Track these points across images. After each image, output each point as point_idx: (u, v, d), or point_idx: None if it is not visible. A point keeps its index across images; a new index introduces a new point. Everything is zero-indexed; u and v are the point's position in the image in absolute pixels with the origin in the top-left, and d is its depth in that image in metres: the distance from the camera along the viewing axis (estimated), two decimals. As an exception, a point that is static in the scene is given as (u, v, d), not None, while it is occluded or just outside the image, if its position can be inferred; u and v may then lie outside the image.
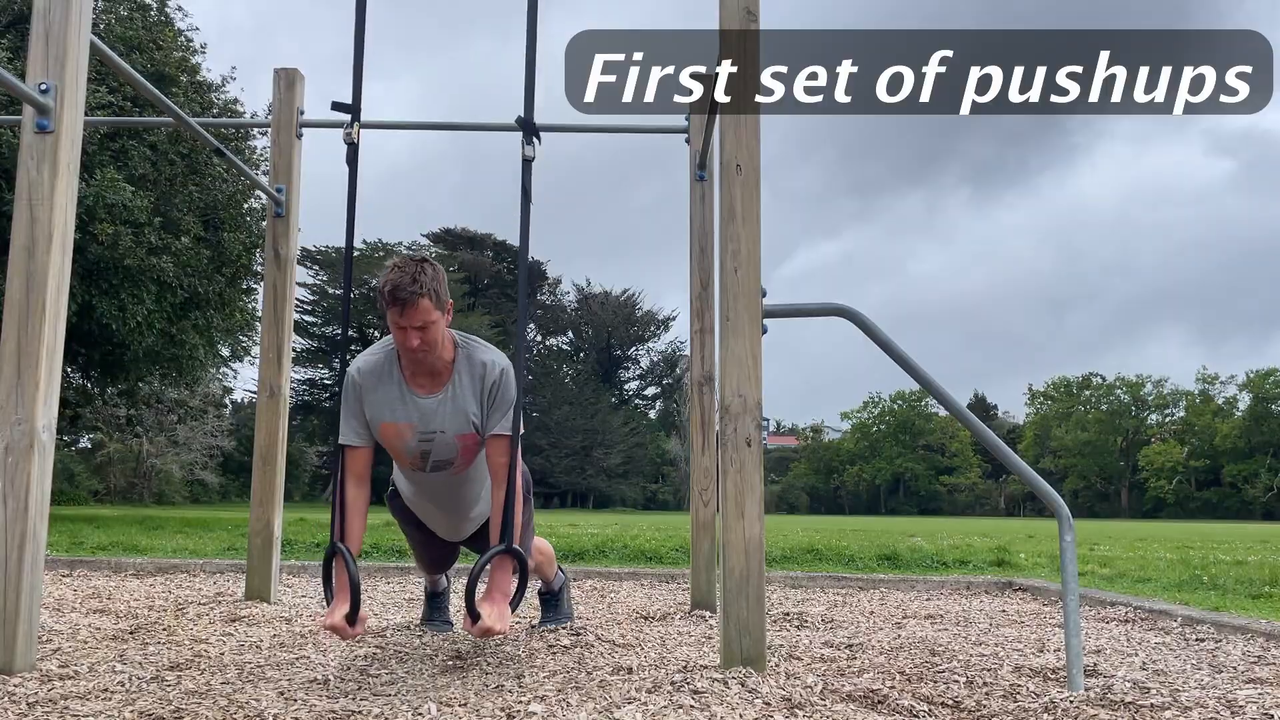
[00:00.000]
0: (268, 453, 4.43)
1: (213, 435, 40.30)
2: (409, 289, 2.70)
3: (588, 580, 5.92)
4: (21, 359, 2.65)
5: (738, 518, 2.73)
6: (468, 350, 2.97)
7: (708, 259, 4.46)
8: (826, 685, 2.59)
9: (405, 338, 2.78)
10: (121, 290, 13.90)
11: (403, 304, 2.71)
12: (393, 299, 2.71)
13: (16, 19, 13.41)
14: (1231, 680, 2.84)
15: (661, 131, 4.76)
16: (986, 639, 3.69)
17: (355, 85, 3.08)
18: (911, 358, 2.83)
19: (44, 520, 2.68)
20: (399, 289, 2.70)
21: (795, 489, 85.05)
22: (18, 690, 2.39)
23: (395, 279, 2.71)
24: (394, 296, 2.70)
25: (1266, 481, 71.84)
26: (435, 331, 2.80)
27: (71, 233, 2.81)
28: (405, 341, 2.79)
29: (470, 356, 2.96)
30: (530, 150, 2.97)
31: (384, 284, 2.73)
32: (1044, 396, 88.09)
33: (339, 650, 3.16)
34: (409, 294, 2.70)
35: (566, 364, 70.03)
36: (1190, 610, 4.52)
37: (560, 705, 2.32)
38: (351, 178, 3.03)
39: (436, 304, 2.78)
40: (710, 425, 4.43)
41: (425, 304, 2.73)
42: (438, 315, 2.79)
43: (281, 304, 4.56)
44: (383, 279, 2.75)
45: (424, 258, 2.82)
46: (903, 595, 5.53)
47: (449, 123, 5.01)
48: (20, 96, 2.69)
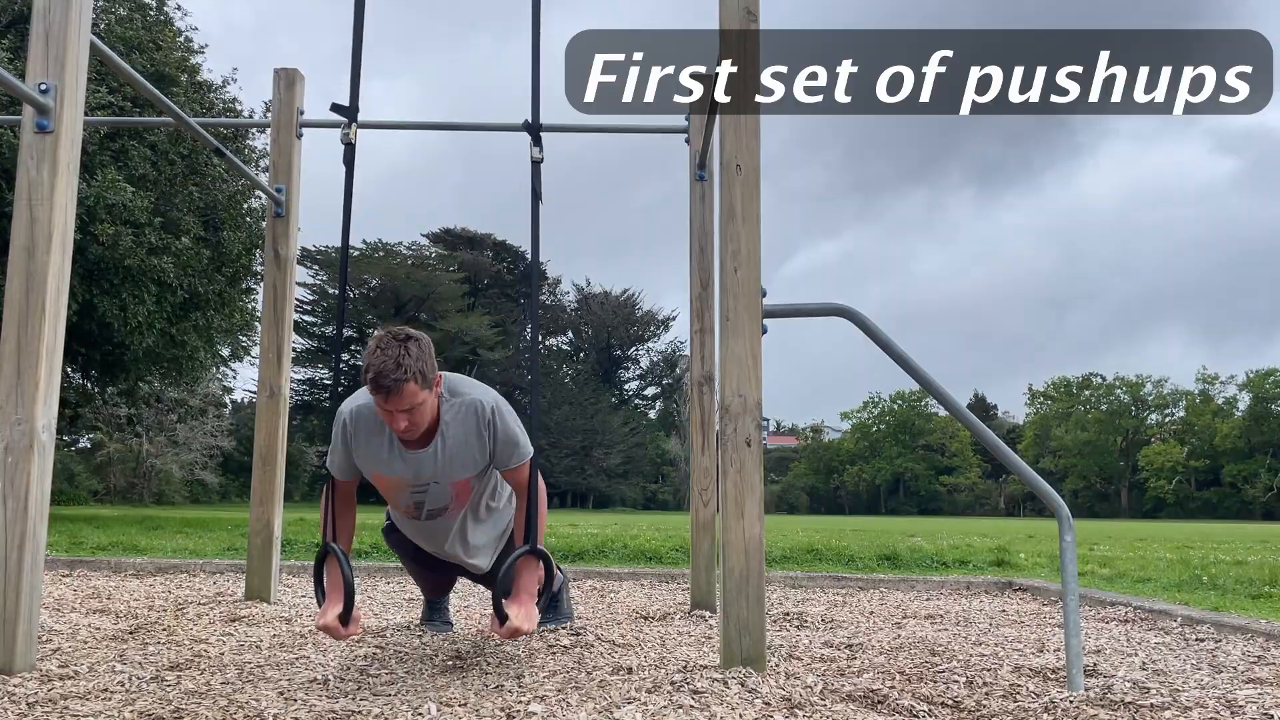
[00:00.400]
0: (268, 453, 4.43)
1: (213, 435, 40.28)
2: (392, 376, 2.56)
3: (588, 580, 5.92)
4: (21, 359, 2.65)
5: (738, 518, 2.73)
6: (452, 401, 2.87)
7: (708, 259, 4.46)
8: (826, 685, 2.59)
9: (392, 420, 2.66)
10: (122, 290, 13.90)
11: (386, 391, 2.58)
12: (376, 386, 2.58)
13: (16, 19, 13.41)
14: (1231, 680, 2.84)
15: (661, 131, 4.76)
16: (986, 639, 3.69)
17: (353, 87, 3.08)
18: (911, 358, 2.83)
19: (44, 520, 2.68)
20: (381, 376, 2.56)
21: (795, 489, 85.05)
22: (18, 690, 2.39)
23: (378, 365, 2.57)
24: (377, 384, 2.57)
25: (1266, 481, 71.84)
26: (423, 412, 2.69)
27: (71, 233, 2.81)
28: (393, 424, 2.68)
29: (456, 405, 2.86)
30: (539, 152, 2.97)
31: (366, 368, 2.59)
32: (1044, 396, 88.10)
33: (339, 650, 3.16)
34: (392, 381, 2.57)
35: (566, 364, 70.03)
36: (1190, 610, 4.52)
37: (560, 705, 2.32)
38: (348, 179, 3.03)
39: (422, 384, 2.63)
40: (710, 425, 4.43)
41: (410, 388, 2.60)
42: (425, 395, 2.66)
43: (281, 304, 4.56)
44: (365, 360, 2.61)
45: (407, 334, 2.65)
46: (903, 595, 5.53)
47: (449, 123, 5.01)
48: (20, 96, 2.69)
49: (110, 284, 13.77)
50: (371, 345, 2.62)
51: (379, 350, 2.59)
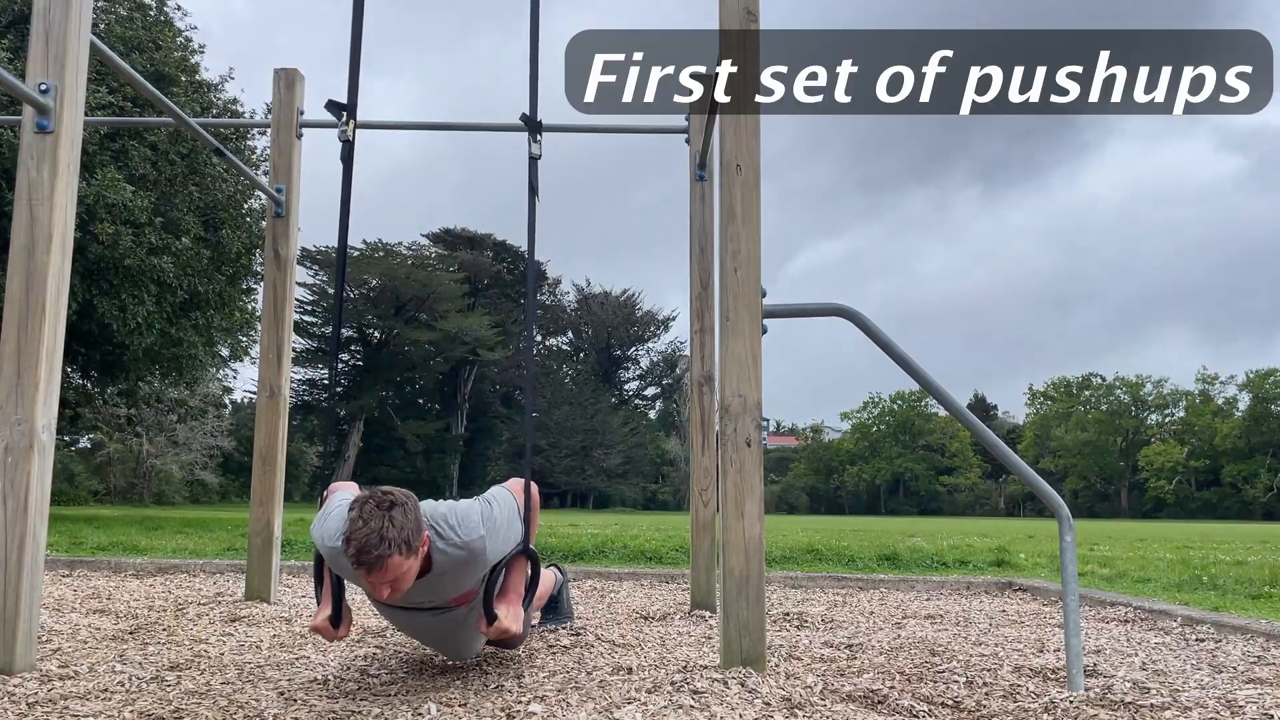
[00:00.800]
0: (268, 453, 4.43)
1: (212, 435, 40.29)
2: (375, 552, 2.36)
3: (588, 580, 5.92)
4: (21, 359, 2.66)
5: (738, 518, 2.73)
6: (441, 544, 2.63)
7: (708, 259, 4.46)
8: (826, 685, 2.59)
9: (375, 590, 2.48)
10: (122, 290, 13.90)
11: (369, 568, 2.38)
12: (358, 562, 2.38)
13: (16, 19, 13.41)
14: (1231, 680, 2.84)
15: (661, 131, 4.76)
16: (986, 639, 3.69)
17: (351, 85, 3.08)
18: (911, 358, 2.83)
19: (44, 520, 2.68)
20: (364, 553, 2.36)
21: (795, 489, 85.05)
22: (18, 690, 2.39)
23: (360, 539, 2.36)
24: (359, 560, 2.37)
25: (1266, 481, 71.83)
26: (408, 578, 2.48)
27: (71, 233, 2.81)
28: (377, 593, 2.49)
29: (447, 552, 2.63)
30: (537, 148, 2.97)
31: (347, 539, 2.39)
32: (1044, 396, 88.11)
33: (339, 650, 3.16)
34: (375, 558, 2.36)
35: (566, 364, 70.04)
36: (1190, 610, 4.52)
37: (560, 705, 2.32)
38: (346, 176, 3.02)
39: (407, 554, 2.41)
40: (710, 425, 4.43)
41: (395, 561, 2.39)
42: (410, 563, 2.44)
43: (281, 304, 4.56)
44: (346, 531, 2.40)
45: (391, 501, 2.42)
46: (903, 595, 5.53)
47: (448, 123, 5.01)
48: (20, 96, 2.69)
49: (110, 284, 13.78)
50: (354, 514, 2.41)
51: (361, 521, 2.39)
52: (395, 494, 2.46)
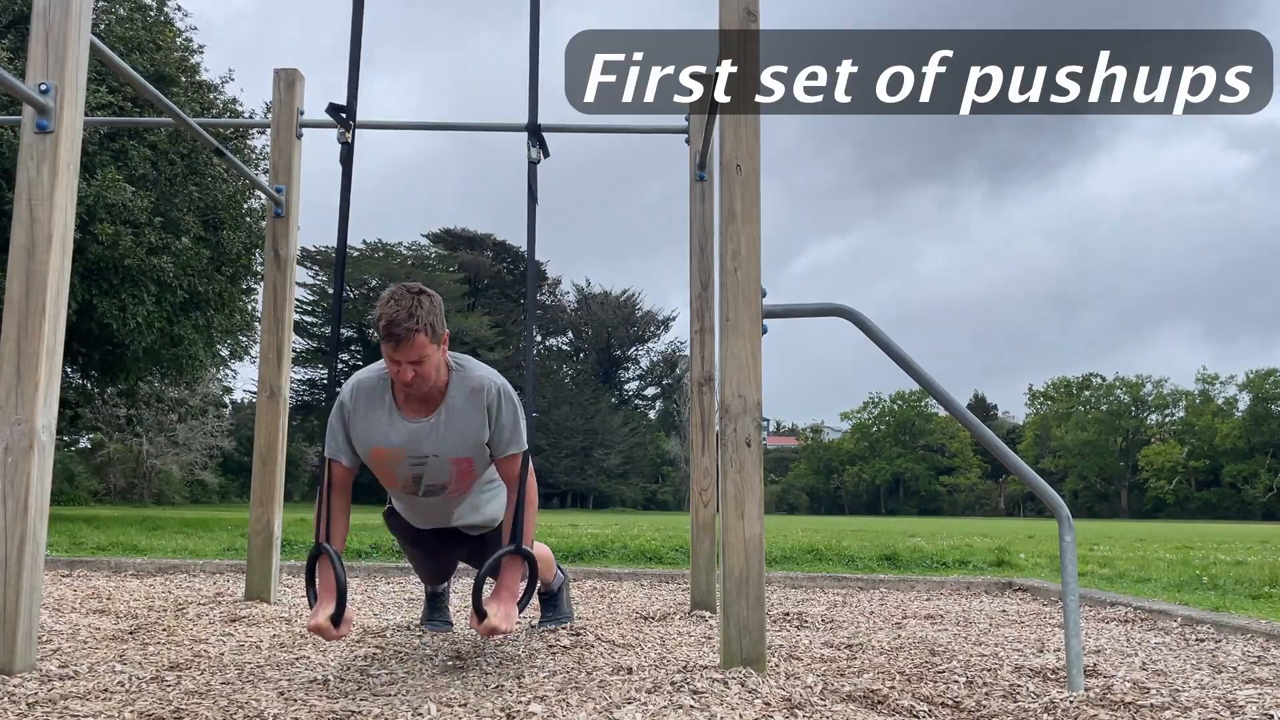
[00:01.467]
0: (268, 453, 4.43)
1: (212, 435, 40.29)
2: (404, 325, 2.65)
3: (588, 580, 5.92)
4: (21, 359, 2.65)
5: (738, 518, 2.73)
6: (461, 373, 2.92)
7: (708, 259, 4.46)
8: (826, 685, 2.59)
9: (399, 371, 2.73)
10: (122, 290, 13.90)
11: (397, 340, 2.66)
12: (387, 334, 2.65)
13: (16, 19, 13.41)
14: (1231, 680, 2.84)
15: (661, 131, 4.76)
16: (986, 639, 3.69)
17: (351, 87, 3.08)
18: (911, 358, 2.83)
19: (44, 520, 2.68)
20: (394, 324, 2.64)
21: (795, 489, 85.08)
22: (18, 690, 2.38)
23: (390, 314, 2.66)
24: (389, 332, 2.65)
25: (1266, 481, 71.85)
26: (430, 365, 2.75)
27: (71, 233, 2.81)
28: (399, 375, 2.74)
29: (464, 379, 2.91)
30: (536, 153, 2.97)
31: (379, 317, 2.67)
32: (1044, 397, 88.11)
33: (339, 650, 3.16)
34: (404, 330, 2.65)
35: (566, 364, 70.03)
36: (1190, 610, 4.52)
37: (560, 705, 2.32)
38: (345, 177, 3.02)
39: (432, 338, 2.72)
40: (710, 425, 4.43)
41: (420, 339, 2.68)
42: (433, 349, 2.74)
43: (281, 304, 4.56)
44: (378, 311, 2.69)
45: (420, 288, 2.75)
46: (903, 595, 5.53)
47: (447, 123, 5.01)
48: (20, 96, 2.69)
49: (110, 284, 13.77)
50: (385, 296, 2.70)
51: (392, 301, 2.68)
52: (424, 286, 2.77)
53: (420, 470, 2.97)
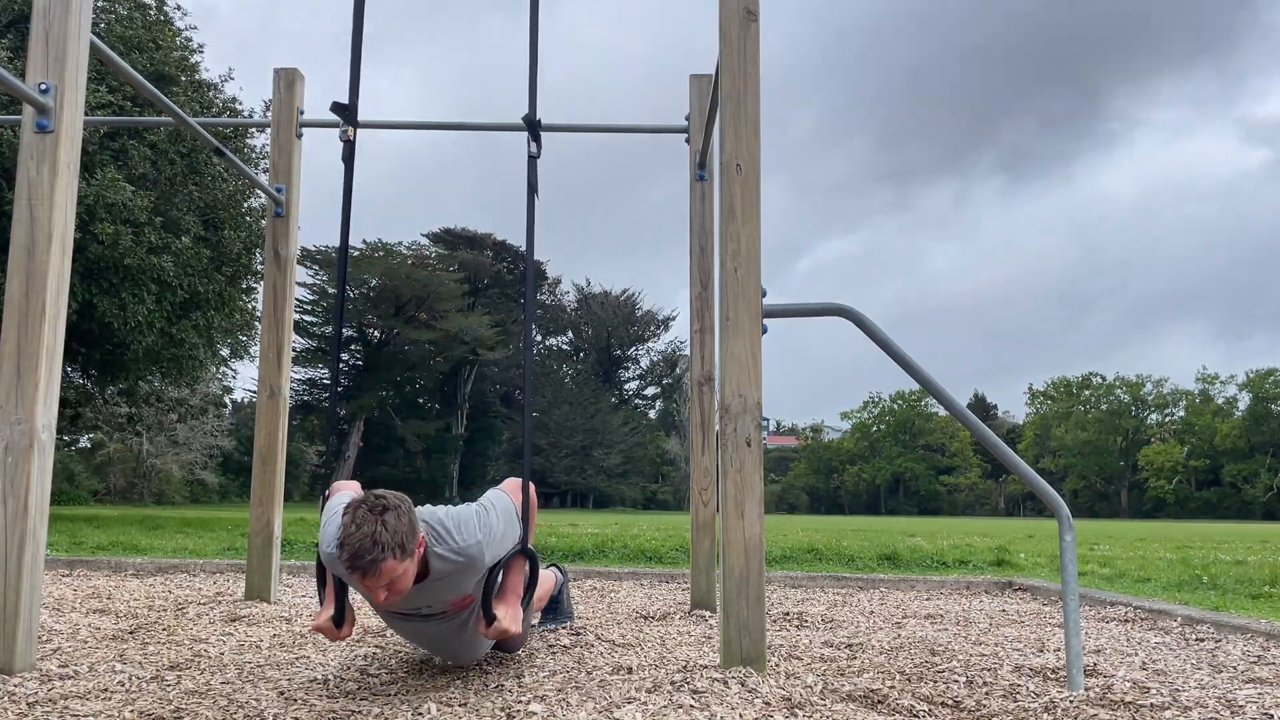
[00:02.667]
0: (268, 452, 4.43)
1: (213, 435, 40.32)
2: (369, 557, 2.34)
3: (588, 580, 5.92)
4: (21, 359, 2.65)
5: (738, 518, 2.73)
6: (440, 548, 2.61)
7: (708, 259, 4.46)
8: (826, 685, 2.59)
9: (371, 594, 2.46)
10: (122, 290, 13.90)
11: (364, 572, 2.37)
12: (351, 568, 2.37)
13: (16, 19, 13.41)
14: (1231, 680, 2.84)
15: (661, 131, 4.76)
16: (986, 639, 3.69)
17: (352, 86, 3.08)
18: (911, 358, 2.83)
19: (44, 520, 2.68)
20: (357, 558, 2.35)
21: (795, 489, 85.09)
22: (18, 690, 2.39)
23: (353, 545, 2.35)
24: (353, 566, 2.37)
25: (1266, 481, 71.84)
26: (404, 580, 2.46)
27: (71, 233, 2.81)
28: (372, 596, 2.47)
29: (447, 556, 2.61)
30: (535, 148, 2.96)
31: (340, 544, 2.38)
32: (1044, 396, 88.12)
33: (339, 650, 3.16)
34: (368, 563, 2.35)
35: (566, 364, 70.04)
36: (1190, 610, 4.52)
37: (560, 705, 2.32)
38: (347, 177, 3.02)
39: (402, 557, 2.39)
40: (710, 425, 4.43)
41: (389, 565, 2.37)
42: (406, 566, 2.42)
43: (281, 304, 4.56)
44: (340, 537, 2.39)
45: (384, 504, 2.42)
46: (903, 595, 5.53)
47: (447, 123, 5.01)
48: (20, 96, 2.69)
49: (110, 283, 13.78)
50: (346, 519, 2.41)
51: (354, 526, 2.38)
52: (388, 498, 2.45)
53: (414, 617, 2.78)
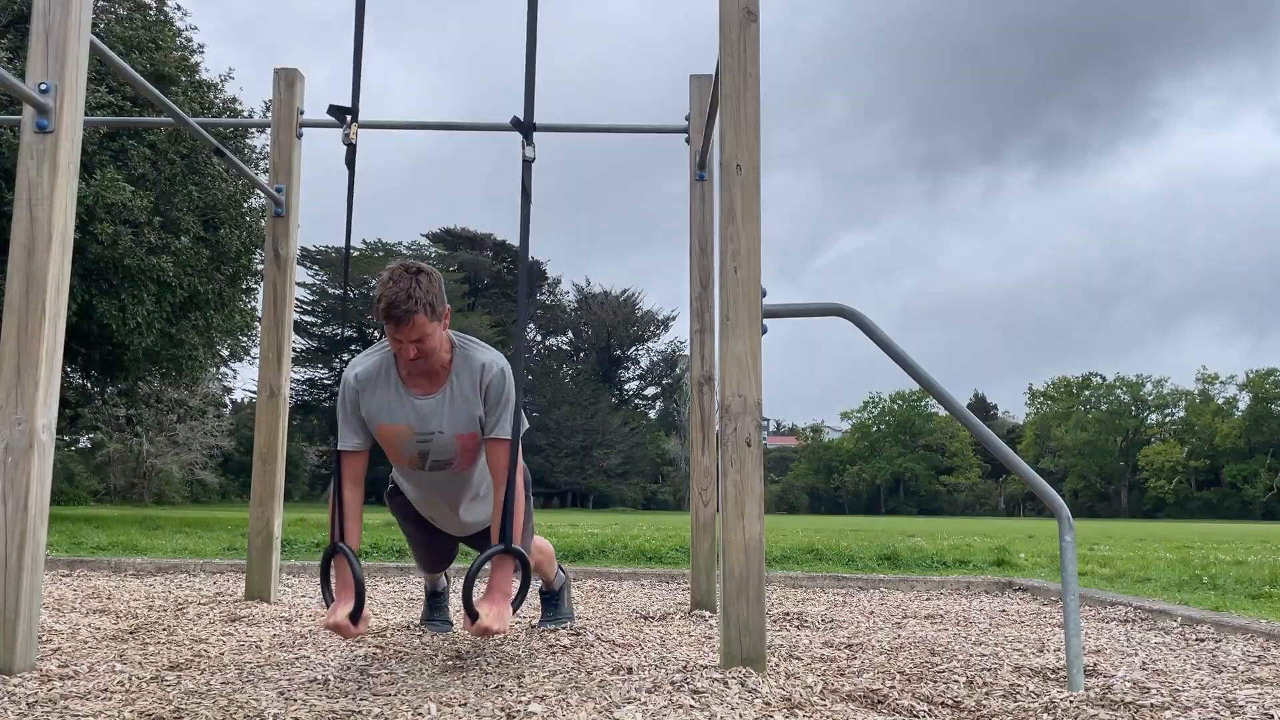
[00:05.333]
0: (268, 453, 4.43)
1: (212, 435, 40.31)
2: (404, 306, 2.68)
3: (588, 580, 5.92)
4: (21, 359, 2.65)
5: (738, 518, 2.73)
6: (465, 351, 2.95)
7: (708, 259, 4.46)
8: (826, 685, 2.59)
9: (402, 350, 2.77)
10: (121, 290, 13.90)
11: (398, 320, 2.69)
12: (387, 315, 2.69)
13: (16, 19, 13.41)
14: (1231, 680, 2.84)
15: (661, 131, 4.76)
16: (986, 639, 3.69)
17: (354, 87, 3.08)
18: (911, 358, 2.82)
19: (44, 520, 2.68)
20: (394, 305, 2.68)
21: (795, 489, 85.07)
22: (18, 690, 2.38)
23: (390, 294, 2.69)
24: (388, 313, 2.68)
25: (1266, 481, 71.84)
26: (431, 342, 2.78)
27: (71, 233, 2.81)
28: (403, 353, 2.78)
29: (468, 357, 2.94)
30: (530, 151, 2.96)
31: (378, 298, 2.70)
32: (1044, 396, 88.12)
33: (339, 650, 3.16)
34: (403, 311, 2.68)
35: (566, 364, 70.01)
36: (1190, 610, 4.52)
37: (560, 705, 2.32)
38: (350, 179, 3.03)
39: (432, 316, 2.75)
40: (710, 425, 4.43)
41: (420, 319, 2.71)
42: (434, 327, 2.77)
43: (281, 304, 4.56)
44: (378, 292, 2.72)
45: (419, 266, 2.77)
46: (903, 595, 5.53)
47: (448, 123, 5.01)
48: (20, 96, 2.69)
49: (109, 284, 13.78)
50: (385, 277, 2.72)
51: (391, 282, 2.70)
52: (423, 264, 2.79)
53: (426, 446, 2.98)
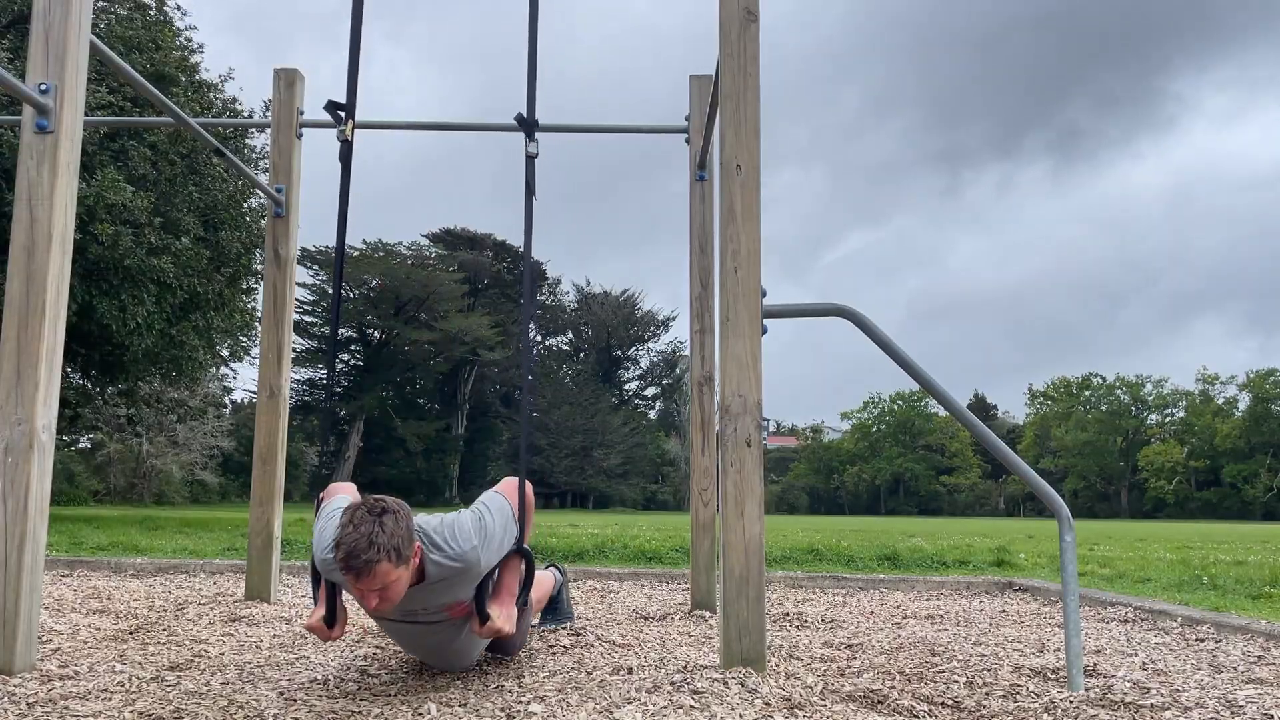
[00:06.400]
0: (267, 453, 4.43)
1: (212, 435, 40.32)
2: (364, 556, 2.35)
3: (588, 580, 5.92)
4: (21, 359, 2.65)
5: (738, 518, 2.73)
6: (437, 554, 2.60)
7: (708, 259, 4.47)
8: (826, 685, 2.59)
9: (363, 598, 2.45)
10: (121, 290, 13.90)
11: (358, 573, 2.37)
12: (346, 566, 2.37)
13: (16, 19, 13.41)
14: (1231, 680, 2.84)
15: (661, 131, 4.76)
16: (986, 639, 3.69)
17: (350, 85, 3.08)
18: (911, 358, 2.82)
19: (44, 520, 2.68)
20: (352, 557, 2.35)
21: (795, 489, 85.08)
22: (18, 690, 2.38)
23: (349, 544, 2.36)
24: (347, 565, 2.37)
25: (1266, 482, 71.83)
26: (398, 587, 2.45)
27: (71, 233, 2.81)
28: (364, 601, 2.45)
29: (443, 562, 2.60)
30: (533, 147, 2.96)
31: (337, 544, 2.40)
32: (1044, 396, 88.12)
33: (339, 650, 3.16)
34: (363, 563, 2.36)
35: (566, 364, 70.03)
36: (1190, 610, 4.52)
37: (560, 705, 2.32)
38: (345, 177, 3.02)
39: (397, 562, 2.40)
40: (710, 425, 4.43)
41: (384, 568, 2.38)
42: (400, 572, 2.43)
43: (281, 304, 4.56)
44: (337, 536, 2.41)
45: (383, 508, 2.43)
46: (903, 595, 5.53)
47: (447, 123, 5.01)
48: (20, 96, 2.69)
49: (109, 284, 13.78)
50: (344, 519, 2.43)
51: (351, 526, 2.40)
52: (388, 501, 2.46)
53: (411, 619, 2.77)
